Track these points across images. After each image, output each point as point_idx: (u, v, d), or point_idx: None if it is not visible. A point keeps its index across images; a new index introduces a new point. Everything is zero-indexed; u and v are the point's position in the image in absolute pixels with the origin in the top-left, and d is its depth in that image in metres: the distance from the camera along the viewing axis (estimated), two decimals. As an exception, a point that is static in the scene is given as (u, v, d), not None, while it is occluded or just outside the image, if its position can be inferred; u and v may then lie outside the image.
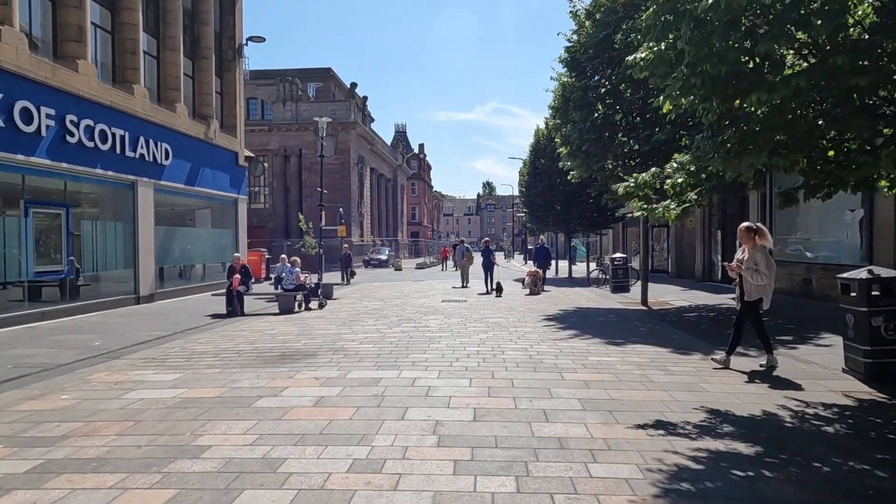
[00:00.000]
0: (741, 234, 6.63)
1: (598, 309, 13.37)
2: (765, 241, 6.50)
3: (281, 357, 7.52)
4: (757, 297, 6.48)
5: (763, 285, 6.41)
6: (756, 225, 6.60)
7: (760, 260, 6.35)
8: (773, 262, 6.44)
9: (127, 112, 14.56)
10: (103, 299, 13.95)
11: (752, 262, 6.43)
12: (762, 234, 6.52)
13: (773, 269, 6.42)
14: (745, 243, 6.61)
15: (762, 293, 6.46)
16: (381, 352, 7.78)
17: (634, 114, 13.43)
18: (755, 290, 6.46)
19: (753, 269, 6.41)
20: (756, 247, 6.46)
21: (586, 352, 7.71)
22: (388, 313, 12.36)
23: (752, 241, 6.52)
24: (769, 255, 6.42)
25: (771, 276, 6.40)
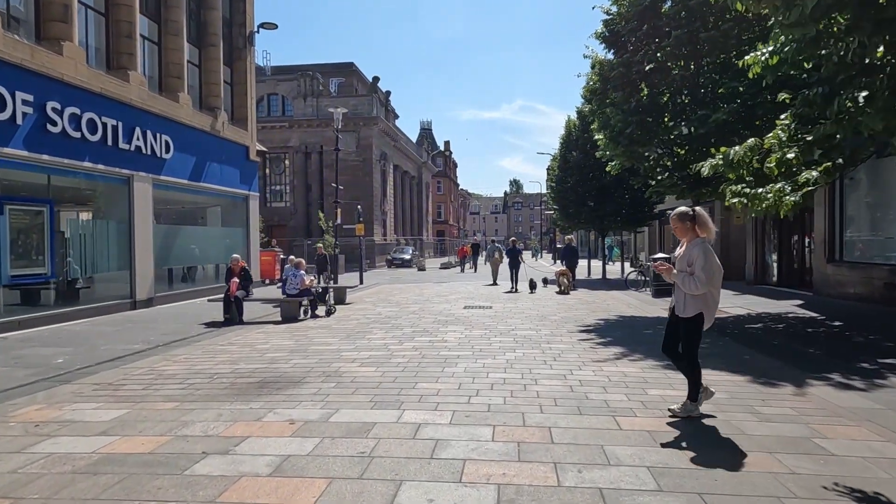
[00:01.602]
0: (673, 223, 4.84)
1: (642, 318, 11.64)
2: (706, 231, 4.68)
3: (259, 385, 6.07)
4: (694, 313, 4.65)
5: (701, 296, 4.62)
6: (693, 210, 4.76)
7: (697, 259, 4.55)
8: (716, 263, 4.60)
9: (121, 100, 13.37)
10: (94, 305, 12.77)
11: (686, 262, 4.66)
12: (702, 221, 4.69)
13: (715, 272, 4.57)
14: (680, 235, 4.84)
15: (702, 307, 4.64)
16: (382, 379, 6.26)
17: (684, 93, 11.67)
18: (691, 302, 4.65)
19: (687, 273, 4.63)
20: (694, 240, 4.69)
21: (642, 381, 6.07)
22: (402, 322, 10.86)
23: (687, 231, 4.74)
24: (711, 252, 4.62)
25: (713, 283, 4.58)
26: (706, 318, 4.69)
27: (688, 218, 4.75)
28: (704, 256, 4.57)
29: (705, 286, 4.55)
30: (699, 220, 4.71)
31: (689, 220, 4.74)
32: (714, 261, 4.62)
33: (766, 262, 18.08)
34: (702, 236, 4.70)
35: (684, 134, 11.52)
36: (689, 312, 4.67)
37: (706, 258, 4.56)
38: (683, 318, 4.73)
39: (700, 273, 4.55)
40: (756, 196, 5.45)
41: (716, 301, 4.76)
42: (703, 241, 4.67)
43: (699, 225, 4.70)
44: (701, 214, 4.74)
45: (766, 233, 18.01)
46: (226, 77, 19.26)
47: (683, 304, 4.72)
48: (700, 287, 4.55)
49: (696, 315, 4.66)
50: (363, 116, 39.87)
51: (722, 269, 4.72)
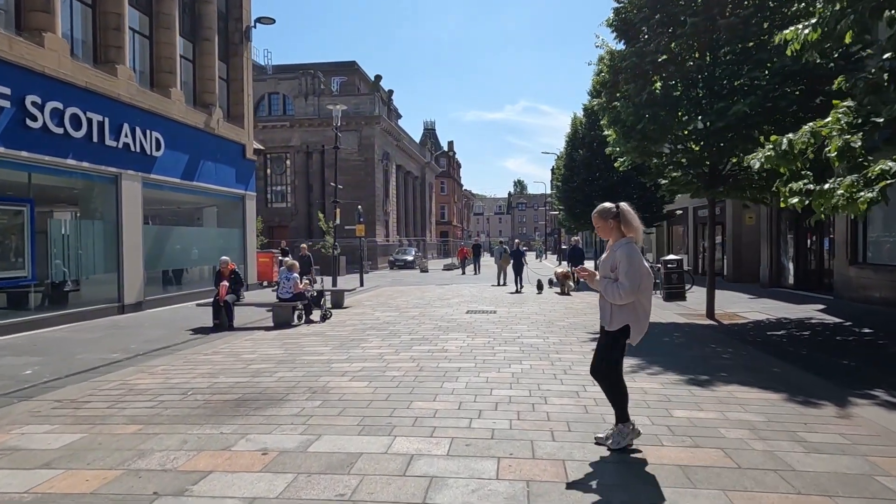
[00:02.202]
0: (595, 222, 4.18)
1: (655, 324, 10.94)
2: (631, 231, 4.04)
3: (236, 404, 5.44)
4: (620, 325, 4.01)
5: (629, 306, 3.98)
6: (618, 206, 4.11)
7: (621, 262, 3.94)
8: (643, 268, 3.95)
9: (108, 95, 12.78)
10: (79, 309, 12.19)
11: (610, 267, 4.04)
12: (627, 219, 4.03)
13: (642, 277, 3.91)
14: (604, 235, 4.20)
15: (629, 319, 4.00)
16: (374, 396, 5.62)
17: (699, 85, 10.98)
18: (617, 313, 4.01)
19: (611, 280, 4.01)
20: (619, 241, 4.06)
21: (664, 400, 5.41)
22: (400, 329, 10.22)
23: (611, 231, 4.10)
24: (637, 255, 3.98)
25: (640, 290, 3.92)
26: (633, 331, 4.03)
27: (611, 215, 4.08)
28: (629, 260, 3.92)
29: (630, 294, 3.89)
30: (624, 218, 4.04)
31: (612, 217, 4.07)
32: (640, 265, 3.95)
33: (781, 263, 17.36)
34: (628, 236, 4.05)
35: (699, 129, 10.84)
36: (615, 324, 4.02)
37: (630, 262, 3.91)
38: (608, 330, 4.08)
39: (623, 279, 3.89)
40: (822, 193, 4.67)
41: (646, 312, 4.09)
42: (629, 243, 4.03)
43: (624, 223, 4.04)
44: (626, 211, 4.07)
45: (781, 233, 17.29)
46: (221, 73, 18.69)
47: (609, 314, 4.04)
48: (624, 296, 3.88)
49: (623, 328, 4.02)
50: (365, 115, 39.27)
51: (651, 275, 4.07)
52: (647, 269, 4.01)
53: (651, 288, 4.12)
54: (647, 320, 4.13)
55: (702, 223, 24.80)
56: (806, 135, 4.57)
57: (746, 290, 17.20)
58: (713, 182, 11.37)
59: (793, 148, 4.56)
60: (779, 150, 4.71)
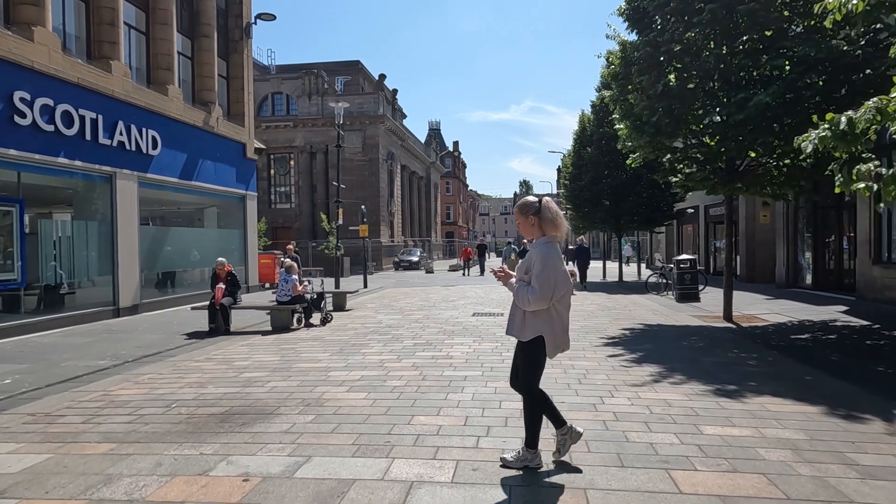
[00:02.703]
0: (516, 217, 3.77)
1: (671, 327, 10.46)
2: (553, 229, 3.61)
3: (222, 419, 4.98)
4: (532, 336, 3.53)
5: (543, 313, 3.51)
6: (542, 200, 3.67)
7: (536, 263, 3.50)
8: (560, 271, 3.50)
9: (101, 92, 12.39)
10: (72, 313, 11.79)
11: (525, 268, 3.60)
12: (548, 216, 3.59)
13: (557, 282, 3.46)
14: (525, 233, 3.71)
15: (542, 329, 3.52)
16: (372, 410, 5.15)
17: (715, 77, 10.45)
18: (529, 321, 3.55)
19: (524, 283, 3.56)
20: (539, 240, 3.62)
21: (692, 415, 4.91)
22: (403, 333, 9.75)
23: (531, 228, 3.66)
24: (554, 256, 3.51)
25: (555, 296, 3.46)
26: (548, 343, 3.55)
27: (532, 210, 3.63)
28: (543, 261, 3.47)
29: (540, 300, 3.44)
30: (545, 215, 3.60)
31: (533, 213, 3.62)
32: (557, 267, 3.49)
33: (798, 263, 16.78)
34: (549, 235, 3.61)
35: (716, 122, 10.32)
36: (526, 335, 3.56)
37: (545, 264, 3.46)
38: (521, 341, 3.62)
39: (534, 283, 3.45)
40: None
41: (563, 323, 3.62)
42: (548, 242, 3.58)
43: (544, 221, 3.60)
44: (548, 207, 3.62)
45: (798, 231, 16.72)
46: (221, 71, 18.30)
47: (520, 322, 3.58)
48: (532, 301, 3.43)
49: (535, 339, 3.54)
50: (369, 115, 38.86)
51: (569, 280, 3.58)
52: (564, 272, 3.54)
53: (570, 295, 3.64)
54: (566, 334, 3.65)
55: (713, 222, 24.25)
56: (870, 111, 4.03)
57: (762, 290, 16.64)
58: (730, 178, 10.85)
59: (853, 127, 4.04)
60: (836, 129, 4.17)
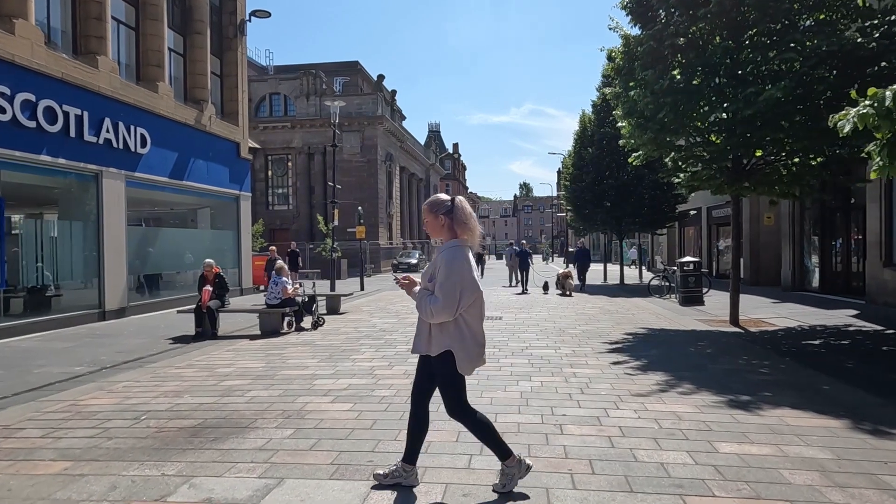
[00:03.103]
0: (425, 215, 3.31)
1: (676, 331, 10.05)
2: (465, 232, 3.21)
3: (193, 433, 4.57)
4: (440, 351, 3.15)
5: (451, 326, 3.13)
6: (455, 199, 3.27)
7: (441, 269, 3.10)
8: (468, 278, 3.10)
9: (87, 88, 12.00)
10: (56, 316, 11.37)
11: (429, 274, 3.21)
12: (461, 217, 3.20)
13: (464, 290, 3.07)
14: (434, 234, 3.31)
15: (452, 343, 3.13)
16: (357, 423, 4.74)
17: (720, 72, 10.06)
18: (436, 334, 3.16)
19: (427, 293, 3.17)
20: (448, 243, 3.22)
21: (705, 429, 4.50)
22: (397, 338, 9.34)
23: (441, 230, 3.25)
24: (462, 261, 3.11)
25: (461, 302, 3.07)
26: (458, 359, 3.15)
27: (443, 210, 3.23)
28: (449, 267, 3.07)
29: (444, 312, 3.04)
30: (458, 216, 3.20)
31: (444, 212, 3.22)
32: (464, 274, 3.08)
33: (805, 265, 16.37)
34: (461, 238, 3.21)
35: (723, 119, 9.94)
36: (434, 349, 3.18)
37: (450, 270, 3.06)
38: (430, 356, 3.22)
39: (438, 292, 3.06)
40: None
41: (476, 336, 3.21)
42: (457, 246, 3.17)
43: (456, 222, 3.20)
44: (462, 208, 3.22)
45: (804, 233, 16.32)
46: (215, 68, 17.93)
47: (427, 336, 3.19)
48: (435, 313, 3.05)
49: (444, 354, 3.16)
50: (367, 116, 38.49)
51: (478, 287, 3.16)
52: (472, 279, 3.12)
53: (481, 305, 3.23)
54: (480, 347, 3.24)
55: (716, 224, 23.86)
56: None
57: (767, 293, 16.24)
58: (737, 177, 10.46)
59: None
60: (880, 106, 3.77)
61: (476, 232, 3.24)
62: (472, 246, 3.25)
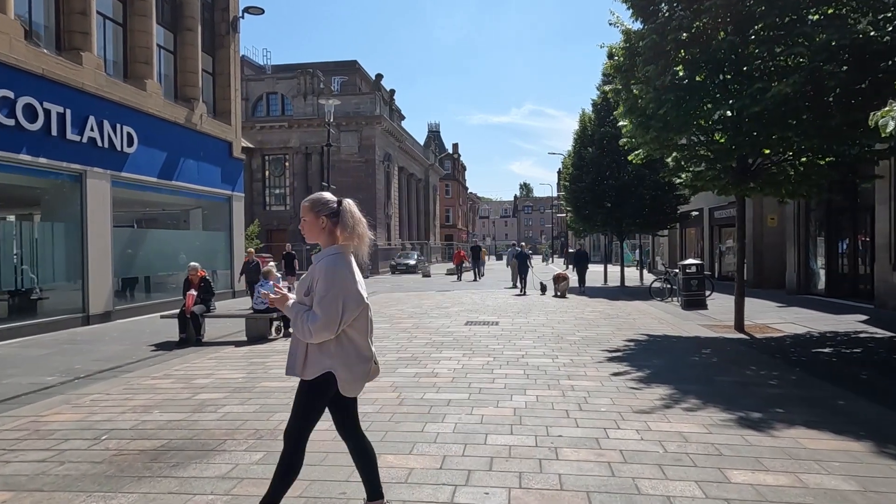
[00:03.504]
0: (303, 213, 2.82)
1: (679, 338, 9.65)
2: (351, 237, 2.74)
3: (153, 457, 4.18)
4: (316, 374, 2.68)
5: (333, 345, 2.67)
6: (343, 201, 2.82)
7: (320, 280, 2.64)
8: (351, 291, 2.65)
9: (70, 85, 11.62)
10: (37, 321, 11.00)
11: (306, 286, 2.72)
12: (348, 221, 2.73)
13: (347, 305, 2.61)
14: (311, 236, 2.81)
15: (333, 364, 2.68)
16: (334, 445, 4.27)
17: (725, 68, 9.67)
18: (314, 353, 2.68)
19: (304, 308, 2.68)
20: (328, 249, 2.75)
21: (714, 452, 4.10)
22: (387, 345, 8.95)
23: (321, 232, 2.77)
24: (344, 270, 2.66)
25: (344, 317, 2.61)
26: (341, 380, 2.69)
27: (326, 210, 2.76)
28: (329, 278, 2.61)
29: (325, 330, 2.58)
30: (345, 220, 2.73)
31: (327, 214, 2.75)
32: (347, 286, 2.63)
33: (810, 268, 15.96)
34: (342, 244, 2.74)
35: (728, 116, 9.55)
36: (309, 372, 2.69)
37: (331, 281, 2.61)
38: (303, 379, 2.73)
39: (316, 308, 2.61)
40: None
41: (361, 353, 2.76)
42: (339, 254, 2.71)
43: (343, 226, 2.73)
44: (350, 212, 2.76)
45: (810, 235, 15.91)
46: (207, 66, 17.56)
47: (303, 357, 2.70)
48: (315, 332, 2.58)
49: (321, 377, 2.68)
50: (365, 115, 38.15)
51: (363, 300, 2.70)
52: (357, 291, 2.67)
53: (367, 318, 2.78)
54: (366, 362, 2.80)
55: (718, 225, 23.47)
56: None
57: (771, 296, 15.84)
58: (743, 177, 10.07)
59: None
60: None
61: (365, 239, 2.78)
62: (359, 254, 2.80)
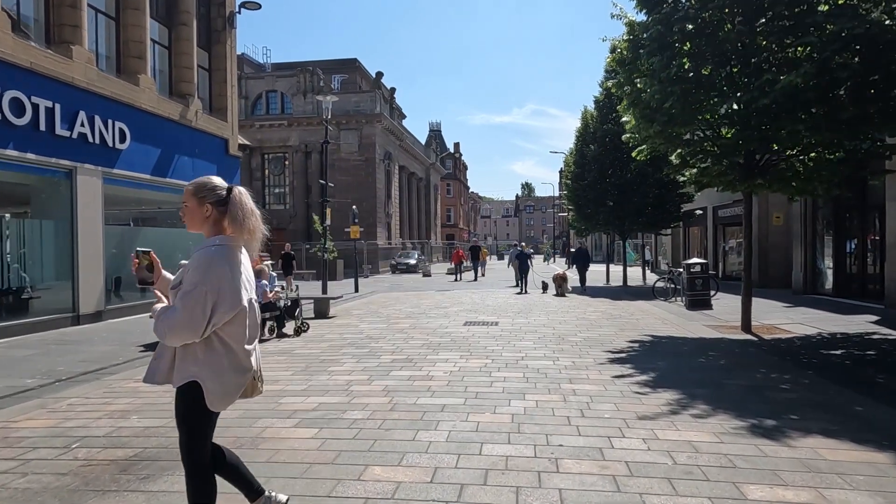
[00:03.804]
0: (185, 198, 2.47)
1: (684, 339, 9.35)
2: (240, 229, 2.42)
3: (123, 468, 3.89)
4: (184, 381, 2.37)
5: (196, 348, 2.35)
6: (233, 188, 2.49)
7: (190, 272, 2.32)
8: (232, 288, 2.33)
9: (60, 79, 11.32)
10: (25, 320, 10.71)
11: (179, 278, 2.38)
12: (236, 214, 2.42)
13: (220, 302, 2.28)
14: (192, 224, 2.48)
15: (200, 373, 2.35)
16: (318, 455, 4.05)
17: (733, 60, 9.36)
18: (180, 359, 2.37)
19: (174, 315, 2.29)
20: (210, 240, 2.41)
21: (727, 464, 3.80)
22: (383, 346, 8.65)
23: (204, 221, 2.44)
24: (224, 266, 2.33)
25: (215, 317, 2.28)
26: (209, 391, 2.35)
27: (213, 197, 2.42)
28: (201, 272, 2.28)
29: (183, 329, 2.24)
30: (233, 211, 2.39)
31: (213, 201, 2.41)
32: (222, 283, 2.28)
33: (817, 267, 15.64)
34: (229, 236, 2.40)
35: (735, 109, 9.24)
36: (178, 378, 2.37)
37: (202, 275, 2.27)
38: (176, 387, 2.42)
39: (179, 302, 2.26)
40: None
41: (237, 363, 2.41)
42: (222, 245, 2.37)
43: (231, 217, 2.39)
44: (241, 202, 2.42)
45: (817, 234, 15.59)
46: (203, 62, 17.22)
47: (170, 361, 2.40)
48: (169, 330, 2.24)
49: (188, 385, 2.36)
50: (365, 113, 37.85)
51: (241, 301, 2.35)
52: (235, 290, 2.33)
53: (243, 325, 2.41)
54: (242, 374, 2.44)
55: (722, 224, 23.15)
56: None
57: (777, 296, 15.51)
58: (750, 173, 9.75)
59: None
60: None
61: (256, 234, 2.44)
62: (249, 250, 2.47)
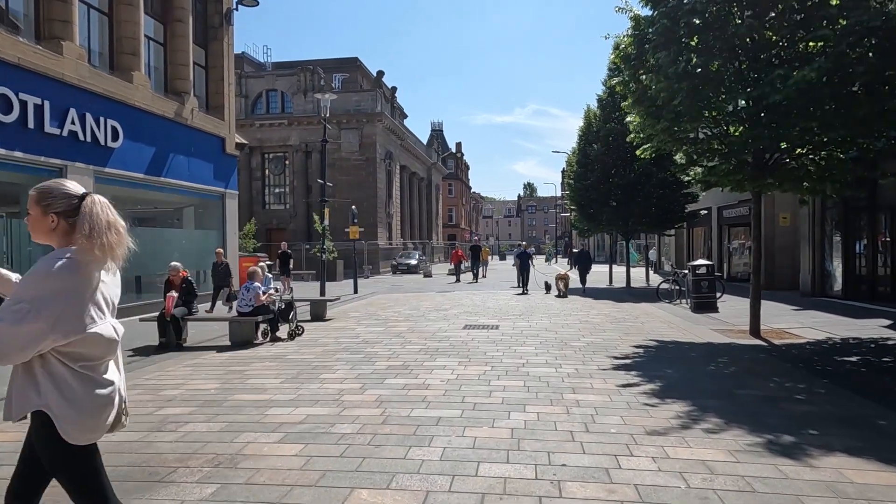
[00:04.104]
0: (29, 206, 2.09)
1: (691, 344, 9.01)
2: (91, 245, 1.96)
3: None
4: (31, 409, 1.94)
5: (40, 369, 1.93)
6: (88, 195, 2.10)
7: (25, 284, 1.92)
8: (74, 313, 1.91)
9: (50, 76, 11.04)
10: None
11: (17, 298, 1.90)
12: (89, 223, 1.99)
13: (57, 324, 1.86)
14: (37, 234, 2.10)
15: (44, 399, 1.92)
16: (301, 476, 3.74)
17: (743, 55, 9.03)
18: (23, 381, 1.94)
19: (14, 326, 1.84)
20: (58, 252, 1.98)
21: (745, 488, 3.48)
22: (379, 352, 8.34)
23: (50, 234, 2.06)
24: (77, 282, 1.94)
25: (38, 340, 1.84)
26: (61, 420, 1.94)
27: (58, 207, 2.06)
28: (35, 285, 1.91)
29: (11, 340, 1.83)
30: (82, 222, 2.01)
31: (58, 211, 2.05)
32: (54, 303, 1.89)
33: (826, 269, 15.28)
34: (79, 246, 1.99)
35: (745, 106, 8.92)
36: (18, 409, 1.97)
37: (35, 290, 1.89)
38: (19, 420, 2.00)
39: (3, 311, 1.88)
40: None
41: (94, 395, 2.00)
42: (71, 259, 1.96)
43: (81, 231, 2.00)
44: (93, 213, 2.04)
45: (825, 235, 15.23)
46: (199, 59, 16.96)
47: (18, 387, 1.98)
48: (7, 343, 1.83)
49: (39, 416, 1.96)
50: (366, 113, 37.54)
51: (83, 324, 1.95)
52: (75, 317, 1.94)
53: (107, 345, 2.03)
54: (107, 407, 2.04)
55: (727, 224, 22.80)
56: None
57: (785, 299, 15.16)
58: (760, 172, 9.42)
59: None
60: None
61: (115, 251, 2.04)
62: (106, 265, 2.07)
